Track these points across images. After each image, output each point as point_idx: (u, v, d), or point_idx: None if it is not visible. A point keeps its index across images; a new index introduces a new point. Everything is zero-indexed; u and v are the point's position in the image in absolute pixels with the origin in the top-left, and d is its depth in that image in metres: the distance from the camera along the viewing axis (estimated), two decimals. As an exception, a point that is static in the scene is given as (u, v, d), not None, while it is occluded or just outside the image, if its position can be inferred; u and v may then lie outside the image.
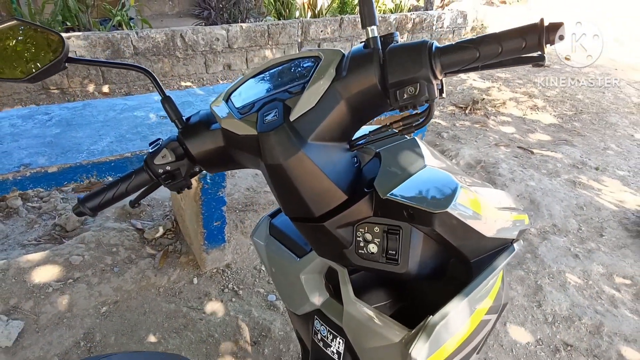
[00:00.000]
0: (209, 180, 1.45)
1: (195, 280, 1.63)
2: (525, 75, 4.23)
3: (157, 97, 1.58)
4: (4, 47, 0.58)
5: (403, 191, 0.51)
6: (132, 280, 1.58)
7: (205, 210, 1.51)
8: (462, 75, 4.23)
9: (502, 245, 0.62)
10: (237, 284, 1.65)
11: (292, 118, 0.48)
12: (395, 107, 0.48)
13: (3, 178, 1.05)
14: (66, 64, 0.59)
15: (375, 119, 0.58)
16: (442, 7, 6.14)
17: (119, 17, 4.02)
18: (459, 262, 0.59)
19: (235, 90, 0.58)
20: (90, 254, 1.62)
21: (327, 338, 0.68)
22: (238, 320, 1.49)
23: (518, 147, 2.90)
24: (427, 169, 0.56)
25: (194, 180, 1.50)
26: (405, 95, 0.46)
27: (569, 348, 1.50)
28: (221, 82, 3.85)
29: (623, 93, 3.94)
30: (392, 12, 5.83)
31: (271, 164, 0.49)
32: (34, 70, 0.57)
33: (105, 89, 3.46)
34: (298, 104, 0.49)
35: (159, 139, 0.62)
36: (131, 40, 3.41)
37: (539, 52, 0.47)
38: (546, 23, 0.43)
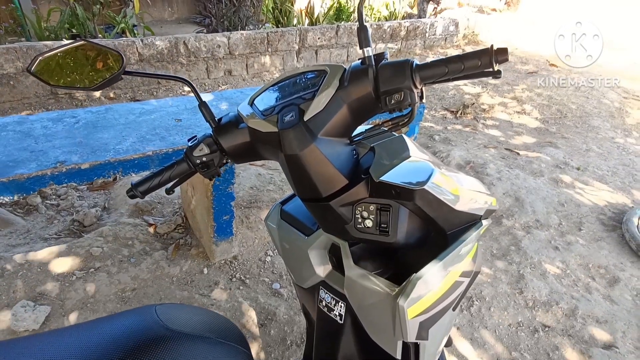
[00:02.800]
0: (220, 178, 1.59)
1: (205, 271, 1.77)
2: (514, 81, 4.42)
3: (171, 102, 1.72)
4: (74, 62, 0.73)
5: (392, 176, 0.66)
6: (148, 270, 1.71)
7: (215, 205, 1.66)
8: (455, 82, 4.41)
9: (472, 220, 0.76)
10: (244, 273, 1.79)
11: (305, 118, 0.63)
12: (385, 110, 0.63)
13: (42, 173, 1.19)
14: (122, 76, 0.73)
15: (370, 119, 0.73)
16: (435, 15, 6.34)
17: (122, 25, 4.16)
18: (438, 234, 0.74)
19: (258, 96, 0.73)
20: (109, 246, 1.76)
21: (331, 304, 0.82)
22: (246, 306, 1.63)
23: (505, 148, 3.07)
24: (411, 159, 0.71)
25: (205, 178, 1.65)
26: (393, 101, 0.61)
27: (546, 329, 1.66)
28: (222, 86, 4.00)
29: (606, 98, 4.13)
30: (386, 20, 6.02)
31: (290, 154, 0.63)
32: (98, 81, 0.72)
33: (111, 94, 3.60)
34: (310, 107, 0.63)
35: (195, 135, 0.76)
36: (136, 47, 3.56)
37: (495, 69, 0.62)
38: (495, 48, 0.58)
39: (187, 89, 3.93)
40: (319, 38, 4.56)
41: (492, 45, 0.59)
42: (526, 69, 4.85)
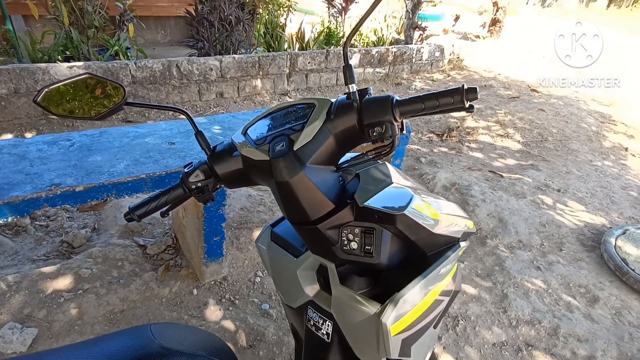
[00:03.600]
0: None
1: (194, 291, 1.78)
2: (497, 105, 4.58)
3: (165, 125, 1.77)
4: (78, 93, 0.78)
5: (374, 201, 0.71)
6: (137, 291, 1.72)
7: (206, 226, 1.68)
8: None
9: (451, 243, 0.82)
10: (234, 294, 1.81)
11: (295, 148, 0.68)
12: (368, 141, 0.69)
13: (37, 196, 1.22)
14: (124, 106, 0.79)
15: (354, 148, 0.79)
16: (421, 41, 6.57)
17: (116, 47, 4.24)
18: (418, 255, 0.79)
19: (251, 126, 0.78)
20: (98, 268, 1.76)
21: (319, 323, 0.86)
22: (235, 326, 1.64)
23: (489, 171, 3.17)
24: (393, 185, 0.76)
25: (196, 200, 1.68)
26: (375, 133, 0.67)
27: (529, 348, 1.70)
28: (213, 108, 4.06)
29: (584, 122, 4.31)
30: (374, 45, 6.22)
31: (280, 181, 0.68)
32: (101, 111, 0.77)
33: (103, 114, 3.62)
34: (299, 138, 0.68)
35: (191, 162, 0.81)
36: (130, 70, 3.62)
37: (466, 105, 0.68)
38: (466, 87, 0.65)
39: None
40: (309, 62, 4.69)
41: (463, 85, 0.65)
42: (508, 94, 5.04)
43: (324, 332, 0.85)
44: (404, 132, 0.73)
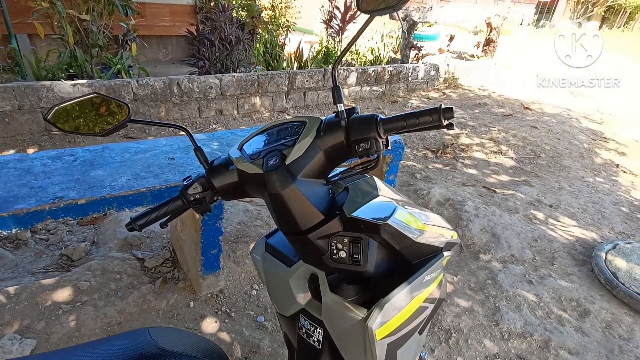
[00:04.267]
0: (209, 213, 1.68)
1: (191, 304, 1.81)
2: (491, 123, 4.68)
3: (165, 141, 1.83)
4: (86, 111, 0.84)
5: (361, 212, 0.76)
6: (135, 303, 1.74)
7: (204, 239, 1.73)
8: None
9: (435, 252, 0.86)
10: (230, 307, 1.83)
11: (287, 162, 0.73)
12: (355, 156, 0.75)
13: (41, 208, 1.26)
14: (128, 124, 0.84)
15: (343, 163, 0.84)
16: (417, 60, 6.73)
17: (119, 66, 4.35)
18: (404, 264, 0.84)
19: (246, 142, 0.84)
20: (96, 280, 1.79)
21: (310, 330, 0.90)
22: (230, 338, 1.66)
23: (483, 186, 3.23)
24: (379, 198, 0.82)
25: (195, 213, 1.72)
26: (361, 149, 0.73)
27: (521, 361, 1.72)
28: (213, 125, 4.14)
29: (576, 140, 4.40)
30: (371, 64, 6.37)
31: (273, 192, 0.73)
32: (106, 128, 0.83)
33: (104, 131, 3.70)
34: (291, 153, 0.74)
35: (190, 176, 0.87)
36: (132, 88, 3.71)
37: (446, 123, 0.74)
38: (443, 107, 0.71)
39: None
40: (307, 81, 4.80)
41: (440, 105, 0.72)
42: (502, 112, 5.15)
43: (315, 339, 0.88)
44: (389, 147, 0.79)
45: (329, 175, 0.82)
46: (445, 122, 0.72)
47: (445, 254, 0.89)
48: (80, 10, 3.75)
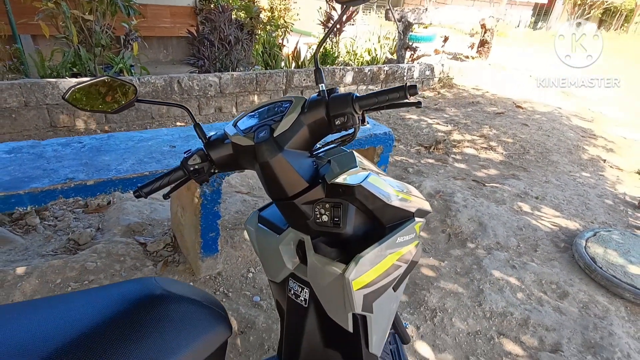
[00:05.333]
0: (207, 197, 1.80)
1: (191, 284, 1.92)
2: (483, 120, 4.80)
3: (166, 131, 1.95)
4: (98, 92, 0.95)
5: (340, 179, 0.88)
6: (138, 283, 1.85)
7: (203, 222, 1.84)
8: (428, 120, 4.77)
9: (407, 217, 0.98)
10: (227, 288, 1.94)
11: (275, 135, 0.85)
12: (334, 129, 0.86)
13: (54, 188, 1.38)
14: (135, 103, 0.96)
15: (325, 140, 0.95)
16: (412, 60, 6.86)
17: (121, 65, 4.47)
18: (379, 227, 0.95)
19: (240, 119, 0.96)
20: (102, 262, 1.91)
21: (298, 291, 1.01)
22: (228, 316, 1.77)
23: (472, 180, 3.35)
24: (357, 169, 0.93)
25: (195, 198, 1.83)
26: (339, 122, 0.85)
27: (501, 336, 1.83)
28: (212, 122, 4.26)
29: (565, 137, 4.52)
30: (368, 64, 6.50)
31: (262, 161, 0.84)
32: (116, 106, 0.95)
33: (107, 127, 3.82)
34: (279, 127, 0.85)
35: (190, 149, 0.98)
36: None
37: (416, 101, 0.85)
38: (408, 84, 0.82)
39: (178, 123, 4.19)
40: (304, 79, 4.93)
41: (406, 83, 0.84)
42: (494, 110, 5.27)
43: (302, 299, 1.00)
44: (365, 124, 0.91)
45: (314, 151, 0.94)
46: (411, 99, 0.84)
47: (417, 219, 1.00)
48: (84, 10, 3.88)
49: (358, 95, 0.86)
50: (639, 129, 5.07)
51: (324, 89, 0.87)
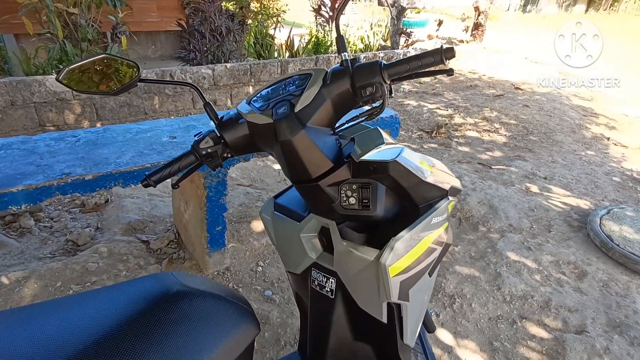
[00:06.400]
0: (213, 189, 1.70)
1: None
2: (483, 103, 4.73)
3: (165, 122, 1.84)
4: (96, 72, 0.85)
5: (369, 156, 0.79)
6: (143, 282, 1.76)
7: (209, 216, 1.75)
8: (428, 105, 4.69)
9: (440, 196, 0.90)
10: (237, 283, 1.86)
11: (296, 110, 0.76)
12: (360, 101, 0.77)
13: (49, 184, 1.28)
14: (137, 83, 0.86)
15: (349, 116, 0.86)
16: (407, 46, 6.76)
17: (109, 60, 4.32)
18: (411, 208, 0.87)
19: (253, 97, 0.87)
20: (104, 262, 1.81)
21: (322, 282, 0.92)
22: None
23: (478, 163, 3.28)
24: (385, 145, 0.85)
25: (199, 191, 1.74)
26: (367, 93, 0.76)
27: (523, 320, 1.77)
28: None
29: (567, 116, 4.46)
30: (362, 52, 6.39)
31: (283, 140, 0.75)
32: (117, 87, 0.85)
33: (98, 124, 3.69)
34: (300, 101, 0.76)
35: (201, 132, 0.89)
36: (124, 80, 3.69)
37: (448, 67, 0.76)
38: (444, 47, 0.74)
39: (174, 117, 4.07)
40: (299, 68, 4.81)
41: (442, 45, 0.75)
42: (493, 93, 5.21)
43: (328, 290, 0.91)
44: (393, 95, 0.82)
45: (336, 128, 0.85)
46: (447, 63, 0.75)
47: (451, 198, 0.92)
48: (68, 3, 3.72)
49: (386, 62, 0.77)
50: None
51: (347, 57, 0.78)
